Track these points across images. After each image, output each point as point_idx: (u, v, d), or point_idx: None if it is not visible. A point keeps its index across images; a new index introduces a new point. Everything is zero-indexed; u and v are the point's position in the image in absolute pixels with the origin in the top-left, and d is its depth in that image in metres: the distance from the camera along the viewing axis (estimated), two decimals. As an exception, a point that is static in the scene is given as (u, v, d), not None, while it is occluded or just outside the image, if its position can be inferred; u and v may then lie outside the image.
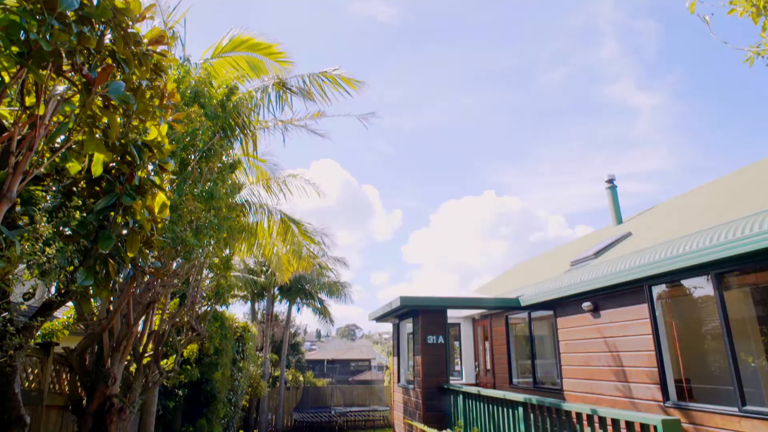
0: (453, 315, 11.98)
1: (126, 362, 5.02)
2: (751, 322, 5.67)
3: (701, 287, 5.94)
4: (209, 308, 6.12)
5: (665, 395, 5.91)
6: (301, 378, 24.72)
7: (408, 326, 10.71)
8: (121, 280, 3.75)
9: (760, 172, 7.64)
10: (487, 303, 9.66)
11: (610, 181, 12.08)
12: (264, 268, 19.54)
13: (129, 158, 2.71)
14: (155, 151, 2.92)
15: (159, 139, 2.99)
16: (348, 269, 26.59)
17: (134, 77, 2.71)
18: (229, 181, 5.67)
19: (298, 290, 20.95)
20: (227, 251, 5.77)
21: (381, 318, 11.37)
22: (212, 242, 4.76)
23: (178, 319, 5.62)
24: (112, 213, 2.66)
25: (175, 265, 5.26)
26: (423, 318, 8.70)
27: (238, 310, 67.45)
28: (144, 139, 2.83)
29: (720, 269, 5.32)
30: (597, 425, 4.12)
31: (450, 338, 10.26)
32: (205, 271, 5.83)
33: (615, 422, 3.87)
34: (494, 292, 11.91)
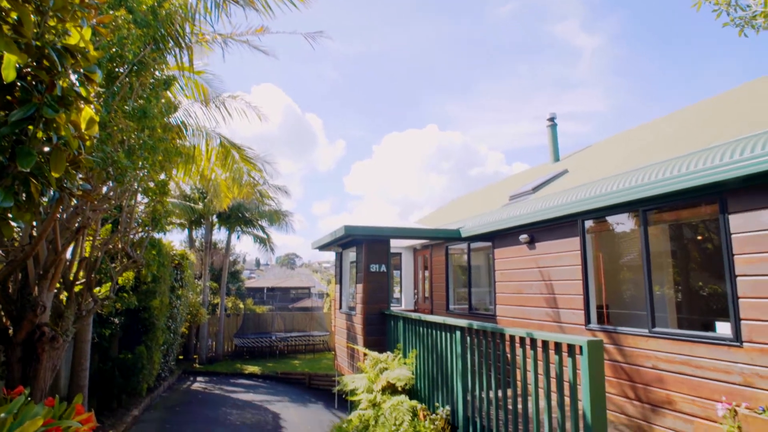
0: (395, 245, 12.26)
1: (55, 290, 4.75)
2: (665, 255, 6.22)
3: (627, 223, 6.37)
4: (145, 235, 5.83)
5: (588, 319, 6.48)
6: (242, 305, 24.88)
7: (351, 255, 10.86)
8: (45, 203, 3.43)
9: (688, 117, 8.07)
10: (429, 233, 9.92)
11: (551, 119, 12.36)
12: (202, 195, 18.83)
13: (47, 63, 2.36)
14: (79, 57, 2.56)
15: (82, 44, 2.62)
16: (289, 198, 26.24)
17: (47, -34, 2.30)
18: (164, 100, 5.21)
19: (237, 218, 20.51)
20: (163, 175, 5.41)
21: (324, 247, 11.43)
22: (147, 165, 4.43)
23: (111, 246, 5.32)
24: (31, 127, 2.35)
25: (105, 188, 4.89)
26: (366, 247, 8.82)
27: (175, 238, 65.60)
28: (64, 43, 2.46)
29: (647, 206, 5.69)
30: (528, 347, 4.45)
31: (391, 267, 10.57)
32: (139, 197, 5.47)
33: (545, 343, 4.19)
34: (435, 224, 12.24)
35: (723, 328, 4.83)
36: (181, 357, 19.11)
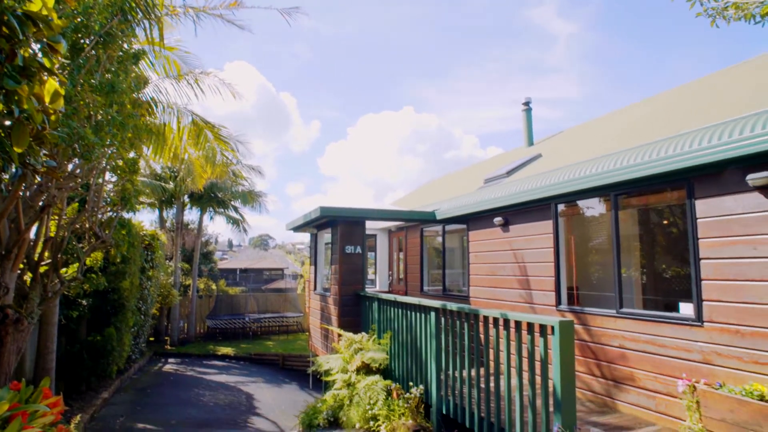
0: (370, 226, 12.26)
1: (19, 271, 4.58)
2: (634, 239, 6.42)
3: (598, 207, 6.52)
4: (114, 214, 5.65)
5: (558, 300, 6.65)
6: (214, 286, 24.61)
7: (326, 236, 10.83)
8: (6, 179, 3.27)
9: (661, 104, 8.25)
10: (405, 215, 9.96)
11: (527, 103, 12.44)
12: (173, 174, 18.36)
13: (6, 31, 2.23)
14: (41, 26, 2.42)
15: (45, 11, 2.48)
16: (263, 178, 25.88)
17: (5, -75, 2.16)
18: (133, 74, 5.01)
19: (210, 198, 20.12)
20: (133, 153, 5.23)
21: (299, 228, 11.35)
22: (116, 142, 4.26)
23: (78, 226, 5.14)
24: (-9, 98, 2.23)
25: (71, 166, 4.70)
26: (342, 228, 8.80)
27: (145, 218, 64.23)
28: (25, 9, 2.32)
29: (618, 191, 5.83)
30: (501, 327, 4.55)
31: (366, 249, 10.59)
32: (108, 175, 5.28)
33: (518, 324, 4.29)
34: (410, 206, 12.28)
35: (686, 309, 5.03)
36: (152, 339, 18.84)
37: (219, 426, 9.00)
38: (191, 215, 24.35)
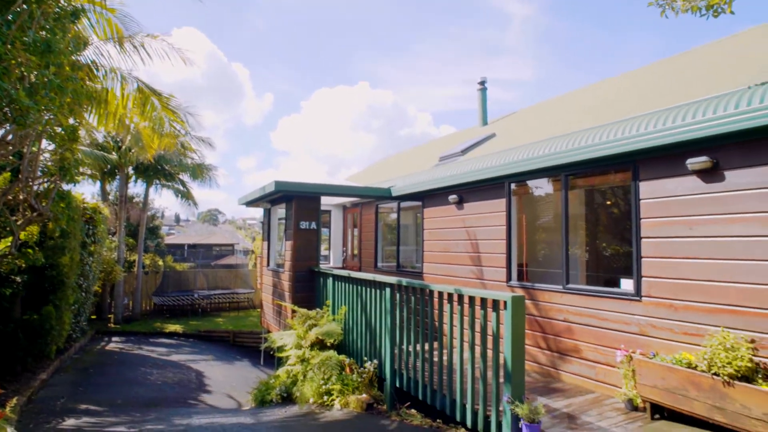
0: (324, 202, 12.16)
1: (-56, 244, 4.22)
2: (581, 218, 6.70)
3: (549, 186, 6.74)
4: (51, 185, 5.27)
5: (509, 277, 6.88)
6: (161, 262, 23.75)
7: (280, 211, 10.65)
8: (-73, 144, 2.97)
9: (612, 88, 8.54)
10: (361, 192, 9.92)
11: (482, 83, 12.57)
12: (117, 144, 17.37)
13: (-75, -23, 1.99)
14: (-34, -27, 2.18)
15: (-31, -43, 2.23)
16: (214, 151, 24.96)
17: None
18: (71, 34, 4.63)
19: (157, 171, 19.22)
20: (72, 120, 4.86)
21: (252, 202, 11.09)
22: (54, 107, 3.94)
23: (11, 197, 4.77)
24: None
25: (1, 131, 4.33)
26: (297, 204, 8.67)
27: (86, 191, 60.80)
28: (-53, -47, 2.07)
29: (569, 171, 6.03)
30: (456, 302, 4.66)
31: (321, 224, 10.49)
32: (44, 143, 4.90)
33: (471, 299, 4.40)
34: (365, 182, 12.25)
35: (627, 285, 5.33)
36: (93, 317, 18.04)
37: (168, 404, 8.80)
38: (136, 188, 23.25)
